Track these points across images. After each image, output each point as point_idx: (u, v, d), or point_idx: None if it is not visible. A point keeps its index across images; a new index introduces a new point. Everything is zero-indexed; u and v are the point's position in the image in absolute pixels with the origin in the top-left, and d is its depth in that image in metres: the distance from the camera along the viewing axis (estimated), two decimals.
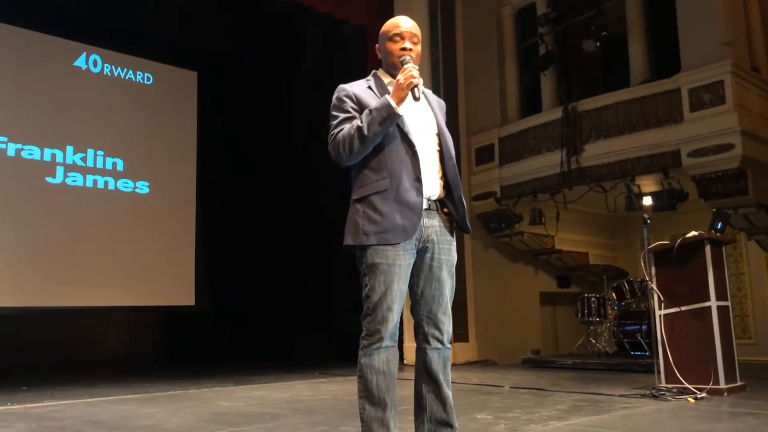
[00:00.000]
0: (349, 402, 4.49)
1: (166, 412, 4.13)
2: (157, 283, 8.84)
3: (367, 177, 2.30)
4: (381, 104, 2.25)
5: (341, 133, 2.29)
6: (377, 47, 2.48)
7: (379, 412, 2.25)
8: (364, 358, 2.28)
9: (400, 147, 2.30)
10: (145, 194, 8.96)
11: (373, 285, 2.26)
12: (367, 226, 2.26)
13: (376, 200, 2.27)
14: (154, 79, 9.28)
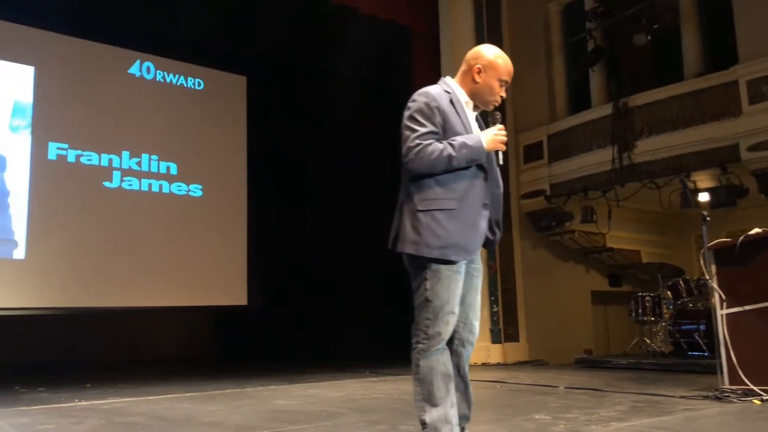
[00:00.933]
0: (404, 401, 4.52)
1: (228, 410, 4.23)
2: (210, 283, 9.06)
3: (435, 192, 2.41)
4: (476, 147, 2.41)
5: (429, 148, 2.38)
6: (478, 68, 2.54)
7: (441, 411, 2.35)
8: (423, 360, 2.38)
9: (476, 174, 2.47)
10: (198, 197, 9.20)
11: (436, 290, 2.38)
12: (430, 239, 2.37)
13: (441, 216, 2.39)
14: (204, 84, 9.51)
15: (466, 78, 2.57)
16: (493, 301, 8.04)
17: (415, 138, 2.41)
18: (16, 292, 7.70)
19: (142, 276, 8.54)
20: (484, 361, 7.77)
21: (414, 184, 2.45)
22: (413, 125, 2.44)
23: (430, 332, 2.38)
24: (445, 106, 2.46)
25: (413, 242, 2.39)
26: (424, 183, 2.42)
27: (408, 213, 2.45)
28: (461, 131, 2.46)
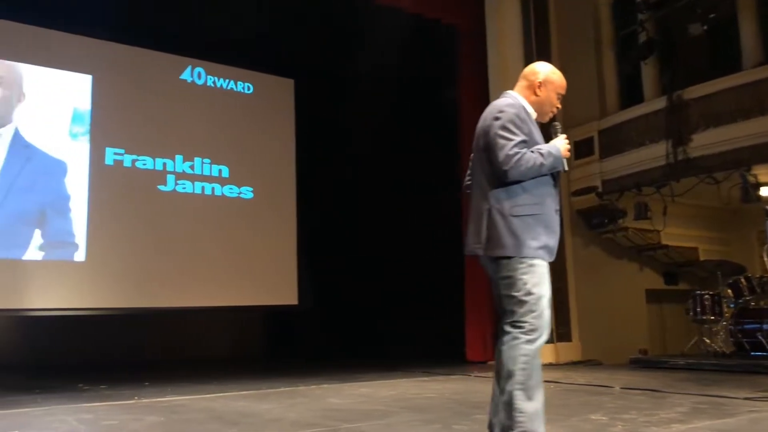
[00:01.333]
0: (456, 401, 4.50)
1: (282, 408, 4.29)
2: (262, 283, 9.22)
3: (523, 198, 2.59)
4: (557, 155, 2.61)
5: (526, 156, 2.55)
6: (538, 82, 2.73)
7: (536, 406, 2.49)
8: (526, 354, 2.49)
9: (549, 181, 2.66)
10: (249, 199, 9.38)
11: (535, 286, 2.54)
12: (529, 240, 2.55)
13: (531, 221, 2.57)
14: (254, 89, 9.68)
15: (527, 92, 2.74)
16: None
17: (513, 146, 2.55)
18: (77, 293, 7.99)
19: (196, 276, 8.74)
20: None
21: (504, 190, 2.60)
22: (508, 134, 2.58)
23: (535, 325, 2.51)
24: (526, 118, 2.66)
25: (512, 245, 2.55)
26: (513, 189, 2.59)
27: (499, 218, 2.58)
28: (540, 141, 2.65)
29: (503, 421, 2.50)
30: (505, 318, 2.58)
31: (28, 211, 7.79)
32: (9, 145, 7.82)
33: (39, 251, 7.82)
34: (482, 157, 2.67)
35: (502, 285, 2.59)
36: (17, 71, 8.02)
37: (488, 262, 2.64)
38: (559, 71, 2.80)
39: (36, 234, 7.82)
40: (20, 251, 7.70)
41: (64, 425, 3.73)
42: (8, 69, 7.98)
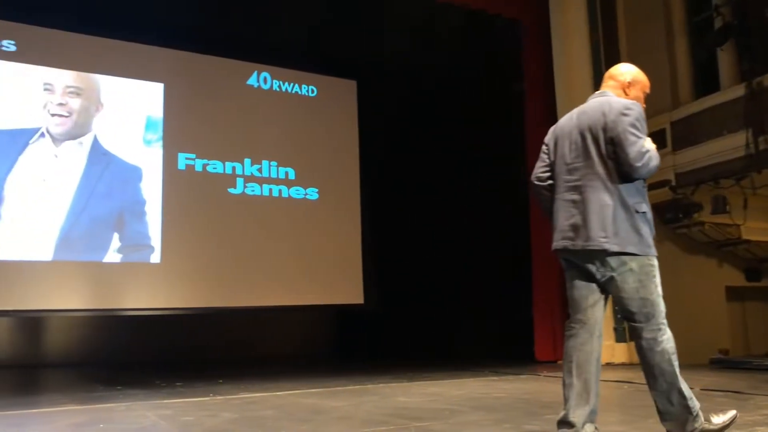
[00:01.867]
0: (526, 401, 4.43)
1: (351, 406, 4.33)
2: (329, 282, 9.35)
3: (640, 196, 2.71)
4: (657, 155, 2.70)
5: (652, 155, 2.66)
6: (628, 83, 2.88)
7: (689, 390, 2.69)
8: (672, 348, 2.72)
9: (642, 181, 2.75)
10: (314, 200, 9.52)
11: (658, 285, 2.73)
12: (649, 239, 2.69)
13: (647, 218, 2.70)
14: (318, 91, 9.82)
15: (618, 92, 2.86)
16: None
17: (645, 144, 2.64)
18: (153, 294, 8.32)
19: (264, 276, 8.95)
20: (608, 360, 7.43)
21: (626, 187, 2.67)
22: (638, 132, 2.65)
23: (665, 322, 2.72)
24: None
25: (638, 243, 2.64)
26: (632, 187, 2.67)
27: (624, 214, 2.64)
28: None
29: (666, 410, 2.71)
30: (636, 319, 2.71)
31: (107, 215, 8.17)
32: (89, 153, 8.22)
33: (117, 254, 8.18)
34: (596, 150, 2.70)
35: (628, 285, 2.66)
36: (95, 82, 8.42)
37: (598, 256, 2.66)
38: (642, 72, 2.94)
39: (114, 237, 8.18)
40: (101, 254, 8.09)
41: (145, 420, 3.89)
42: (87, 80, 8.39)
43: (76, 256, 7.93)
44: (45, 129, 8.05)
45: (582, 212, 2.70)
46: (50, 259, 7.80)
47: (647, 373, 2.72)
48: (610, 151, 2.66)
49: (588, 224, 2.66)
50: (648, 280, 2.66)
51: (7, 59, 7.95)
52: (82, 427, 3.68)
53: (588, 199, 2.69)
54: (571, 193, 2.76)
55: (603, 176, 2.67)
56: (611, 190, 2.65)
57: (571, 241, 2.72)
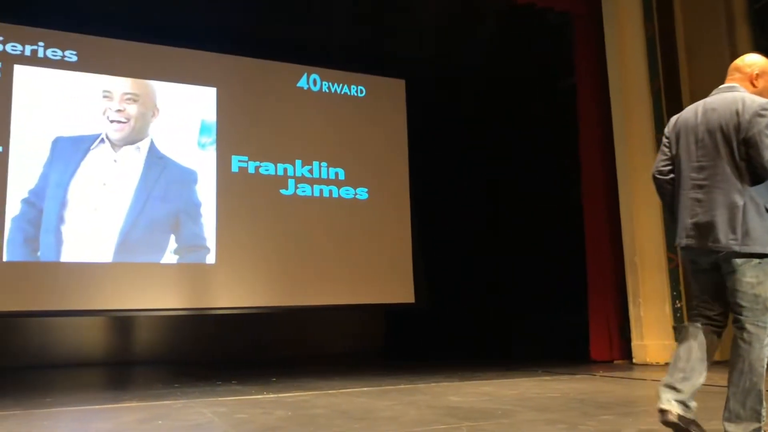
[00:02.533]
0: (581, 401, 4.33)
1: (403, 405, 4.33)
2: (379, 282, 9.37)
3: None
4: None
5: None
6: (756, 74, 2.83)
7: None
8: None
9: None
10: (364, 200, 9.56)
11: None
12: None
13: None
14: (366, 91, 9.86)
15: (745, 85, 2.82)
16: (675, 296, 7.45)
17: None
18: (209, 294, 8.52)
19: (316, 276, 9.04)
20: (666, 360, 7.19)
21: (757, 187, 2.66)
22: None
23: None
24: None
25: (765, 243, 2.63)
26: (762, 186, 2.66)
27: (755, 214, 2.64)
28: None
29: (735, 410, 2.71)
30: (744, 314, 2.69)
31: (163, 218, 8.40)
32: (146, 158, 8.47)
33: (174, 255, 8.40)
34: (727, 150, 2.68)
35: (745, 282, 2.66)
36: (151, 88, 8.68)
37: (725, 256, 2.67)
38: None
39: (171, 239, 8.41)
40: (158, 255, 8.32)
41: (201, 417, 3.98)
42: (144, 87, 8.65)
43: (135, 257, 8.19)
44: (105, 135, 8.34)
45: (709, 212, 2.70)
46: (110, 261, 8.08)
47: (735, 368, 2.72)
48: (743, 153, 2.65)
49: (716, 225, 2.67)
50: (766, 278, 2.64)
51: (69, 69, 8.27)
52: (142, 424, 3.79)
53: (716, 199, 2.69)
54: (696, 191, 2.77)
55: (733, 177, 2.67)
56: (741, 190, 2.65)
57: (695, 240, 2.75)
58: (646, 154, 7.74)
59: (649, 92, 7.93)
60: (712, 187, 2.70)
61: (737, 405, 2.69)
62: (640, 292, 7.53)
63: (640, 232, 7.62)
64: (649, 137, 7.79)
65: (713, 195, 2.70)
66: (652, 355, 7.34)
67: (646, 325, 7.46)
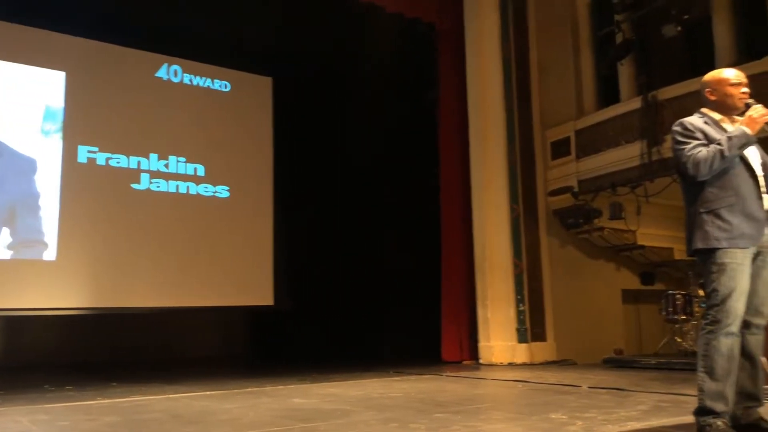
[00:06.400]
0: (421, 400, 4.47)
1: (243, 408, 4.24)
2: (237, 283, 9.13)
3: (713, 194, 2.87)
4: (740, 133, 2.84)
5: (701, 153, 2.85)
6: (708, 90, 3.04)
7: (719, 387, 2.78)
8: (712, 341, 2.82)
9: (743, 170, 2.88)
10: (225, 198, 9.28)
11: (722, 281, 2.81)
12: (717, 233, 2.82)
13: (724, 213, 2.83)
14: (231, 87, 9.60)
15: (708, 103, 3.06)
16: (519, 300, 7.91)
17: (686, 153, 2.89)
18: (47, 292, 7.86)
19: (170, 276, 8.65)
20: (510, 360, 7.65)
21: (692, 191, 2.94)
22: (681, 146, 2.93)
23: (717, 317, 2.81)
24: (700, 125, 2.95)
25: (702, 239, 2.86)
26: (701, 188, 2.89)
27: (693, 216, 2.92)
28: (719, 137, 2.88)
29: (748, 389, 2.92)
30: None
31: None
32: None
33: (8, 250, 7.70)
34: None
35: (704, 277, 2.92)
36: None
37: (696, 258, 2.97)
38: (728, 68, 3.14)
39: (5, 233, 7.70)
40: None
41: (16, 426, 3.66)
42: None
43: None
44: None
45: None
46: None
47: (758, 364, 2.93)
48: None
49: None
50: (708, 273, 2.87)
51: None
52: None
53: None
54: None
55: (683, 187, 3.04)
56: (685, 198, 3.03)
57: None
58: (499, 168, 8.19)
59: (503, 109, 8.38)
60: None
61: (761, 390, 2.96)
62: (488, 295, 7.93)
63: (490, 239, 8.03)
64: (501, 153, 8.22)
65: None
66: (498, 355, 7.76)
67: (492, 327, 7.86)
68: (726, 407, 2.79)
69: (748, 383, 2.92)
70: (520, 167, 8.28)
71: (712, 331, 2.82)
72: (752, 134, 2.85)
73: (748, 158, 2.91)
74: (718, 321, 2.80)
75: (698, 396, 2.84)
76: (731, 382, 2.80)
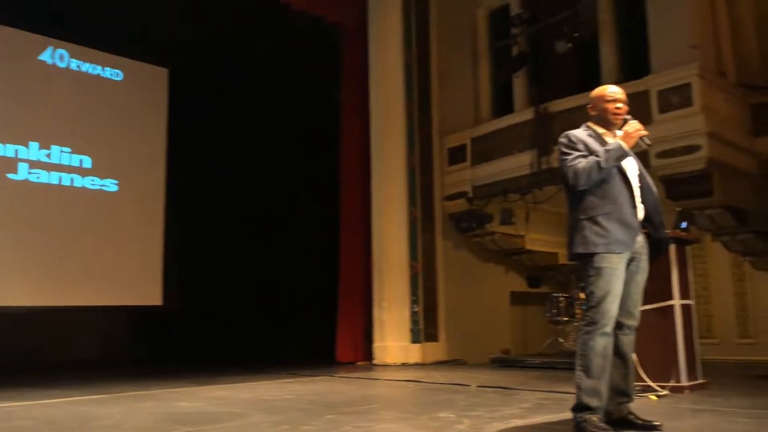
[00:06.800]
0: (313, 402, 4.44)
1: (125, 413, 4.04)
2: (126, 282, 8.69)
3: (592, 202, 3.05)
4: (616, 146, 3.03)
5: (581, 164, 3.03)
6: (589, 106, 3.27)
7: (594, 383, 2.95)
8: (588, 341, 2.99)
9: (620, 181, 3.07)
10: (113, 192, 8.81)
11: (598, 284, 2.99)
12: (595, 239, 3.00)
13: (602, 220, 3.02)
14: (124, 76, 9.12)
15: (591, 117, 3.26)
16: (413, 301, 8.06)
17: (568, 163, 3.06)
18: None
19: (50, 273, 8.09)
20: (403, 361, 7.77)
21: (574, 199, 3.11)
22: (565, 156, 3.11)
23: (594, 318, 2.98)
24: (583, 138, 3.14)
25: (582, 244, 3.03)
26: (582, 196, 3.06)
27: (574, 222, 3.09)
28: (599, 149, 3.06)
29: (631, 391, 3.18)
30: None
31: None
32: None
33: None
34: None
35: (584, 280, 3.10)
36: None
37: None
38: (608, 85, 3.36)
39: None
40: None
41: None
42: None
43: None
44: None
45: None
46: None
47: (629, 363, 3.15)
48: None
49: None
50: (586, 276, 3.06)
51: None
52: None
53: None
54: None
55: (567, 196, 3.22)
56: (568, 206, 3.20)
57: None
58: (398, 171, 8.31)
59: (404, 113, 8.52)
60: None
61: (631, 387, 3.21)
62: (384, 296, 8.02)
63: (388, 241, 8.13)
64: (401, 157, 8.35)
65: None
66: (392, 356, 7.86)
67: (387, 327, 7.96)
68: (600, 403, 2.96)
69: (621, 380, 3.11)
70: (419, 171, 8.45)
71: (589, 331, 2.99)
72: (628, 148, 3.04)
73: (626, 170, 3.10)
74: (595, 322, 2.97)
75: (576, 393, 3.00)
76: (605, 380, 2.98)
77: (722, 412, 3.67)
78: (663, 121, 6.68)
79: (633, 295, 3.11)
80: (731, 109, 6.96)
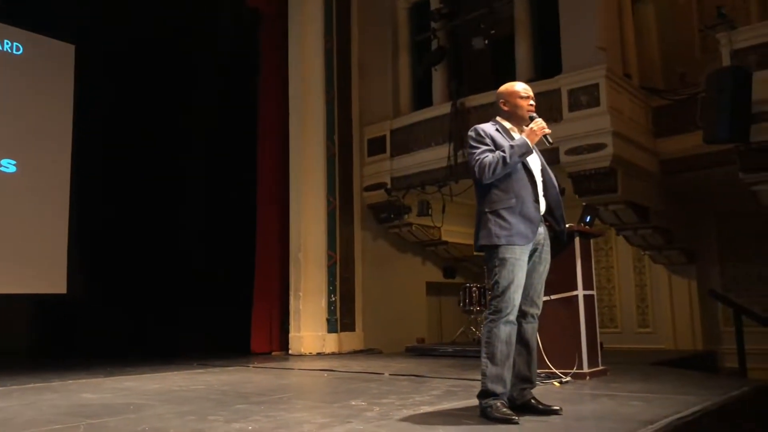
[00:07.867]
0: (223, 392, 4.36)
1: (21, 406, 3.83)
2: (25, 268, 8.19)
3: (497, 196, 3.16)
4: (521, 142, 3.14)
5: (487, 159, 3.13)
6: (502, 101, 3.35)
7: (499, 370, 3.07)
8: (490, 329, 3.12)
9: (524, 176, 3.19)
10: (11, 173, 8.27)
11: (502, 274, 3.10)
12: (498, 231, 3.12)
13: (505, 213, 3.13)
14: (24, 50, 8.56)
15: (501, 113, 3.36)
16: (331, 291, 8.06)
17: (475, 157, 3.17)
18: None
19: None
20: (319, 350, 7.77)
21: (481, 192, 3.22)
22: (472, 150, 3.21)
23: (498, 307, 3.10)
24: (491, 132, 3.23)
25: (486, 236, 3.14)
26: (488, 190, 3.17)
27: (480, 215, 3.20)
28: (506, 144, 3.16)
29: (534, 378, 3.30)
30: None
31: None
32: None
33: None
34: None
35: (489, 270, 3.18)
36: None
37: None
38: (519, 81, 3.45)
39: None
40: None
41: None
42: None
43: None
44: None
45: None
46: None
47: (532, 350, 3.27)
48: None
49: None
50: (491, 266, 3.16)
51: None
52: None
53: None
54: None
55: (475, 190, 3.32)
56: (476, 199, 3.29)
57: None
58: (318, 160, 8.26)
59: (324, 101, 8.47)
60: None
61: (534, 373, 3.33)
62: (301, 286, 7.97)
63: (306, 231, 8.08)
64: (320, 145, 8.31)
65: None
66: (307, 345, 7.83)
67: (303, 317, 7.92)
68: (504, 389, 3.08)
69: (524, 367, 3.24)
70: (338, 161, 8.43)
71: (493, 320, 3.11)
72: (532, 144, 3.16)
73: (530, 165, 3.22)
74: (499, 311, 3.09)
75: (481, 380, 3.11)
76: (509, 366, 3.10)
77: (618, 396, 3.89)
78: (572, 119, 6.95)
79: (536, 285, 3.24)
80: (635, 111, 7.34)
